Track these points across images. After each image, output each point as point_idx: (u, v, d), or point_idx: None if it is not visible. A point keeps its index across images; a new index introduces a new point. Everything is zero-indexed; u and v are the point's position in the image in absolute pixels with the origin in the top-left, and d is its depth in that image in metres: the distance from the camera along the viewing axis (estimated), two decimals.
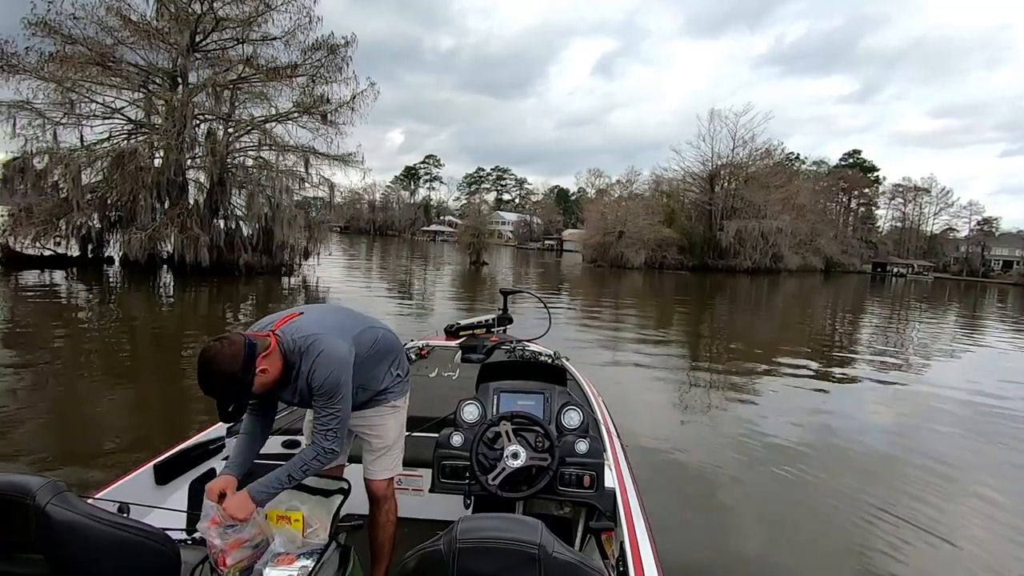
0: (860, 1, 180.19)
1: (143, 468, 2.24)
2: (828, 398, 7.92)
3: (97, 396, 5.79)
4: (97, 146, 17.34)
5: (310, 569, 1.45)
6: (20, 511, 1.19)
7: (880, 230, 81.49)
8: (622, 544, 1.84)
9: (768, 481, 4.69)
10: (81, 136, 17.47)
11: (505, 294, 5.23)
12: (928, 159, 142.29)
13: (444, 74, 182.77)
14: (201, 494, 2.37)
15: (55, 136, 16.68)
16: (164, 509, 2.12)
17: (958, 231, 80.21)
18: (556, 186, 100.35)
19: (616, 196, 53.40)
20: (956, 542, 3.87)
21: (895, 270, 71.37)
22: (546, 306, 5.29)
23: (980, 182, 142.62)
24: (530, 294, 7.55)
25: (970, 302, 32.87)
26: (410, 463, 2.48)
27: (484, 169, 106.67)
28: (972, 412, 7.52)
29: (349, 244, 50.69)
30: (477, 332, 4.77)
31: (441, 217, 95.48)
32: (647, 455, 4.80)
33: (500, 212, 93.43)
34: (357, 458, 2.36)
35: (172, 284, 15.73)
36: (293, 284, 17.61)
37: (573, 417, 2.21)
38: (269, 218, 18.35)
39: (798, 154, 76.84)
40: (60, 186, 16.57)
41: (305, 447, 1.88)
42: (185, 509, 2.30)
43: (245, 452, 1.93)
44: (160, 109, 17.93)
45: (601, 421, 2.88)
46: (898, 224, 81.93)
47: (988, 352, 13.42)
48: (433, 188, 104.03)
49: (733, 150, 52.69)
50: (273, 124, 19.51)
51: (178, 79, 18.13)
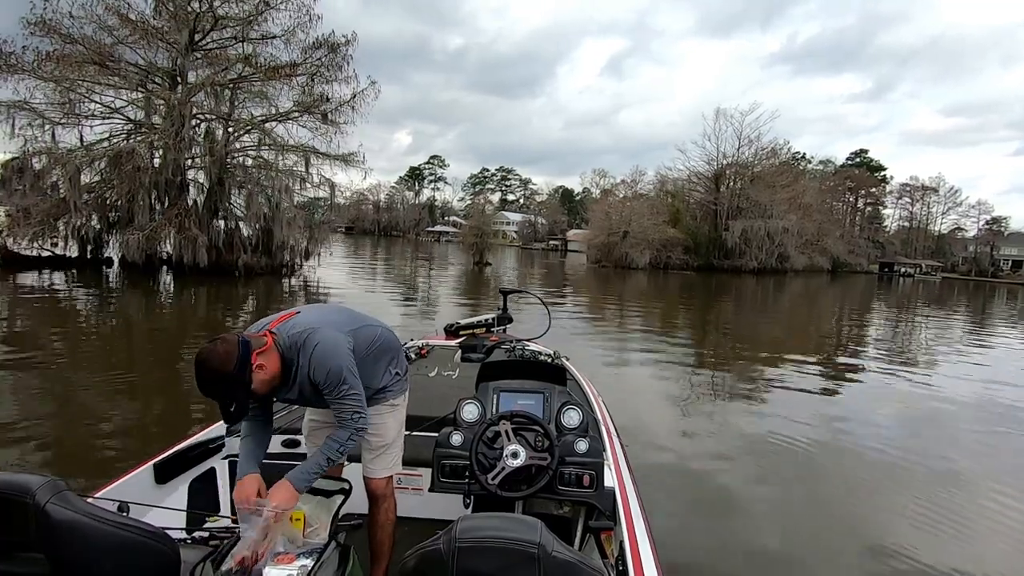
0: None
1: (143, 467, 2.25)
2: (834, 399, 7.72)
3: (96, 396, 5.76)
4: (96, 146, 17.23)
5: (310, 568, 1.43)
6: (20, 510, 1.19)
7: (887, 230, 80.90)
8: (621, 543, 1.84)
9: (771, 481, 4.62)
10: (81, 136, 17.45)
11: (505, 294, 5.21)
12: (938, 158, 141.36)
13: (452, 74, 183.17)
14: (200, 493, 2.43)
15: (53, 136, 16.60)
16: (164, 508, 2.13)
17: (966, 231, 79.51)
18: (561, 186, 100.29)
19: (621, 196, 53.14)
20: (972, 546, 3.74)
21: (902, 270, 70.75)
22: (546, 306, 5.24)
23: (991, 181, 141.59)
24: (530, 294, 7.46)
25: (979, 302, 32.44)
26: (410, 462, 2.50)
27: (489, 169, 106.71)
28: (985, 413, 7.34)
29: (354, 245, 50.98)
30: (477, 332, 4.79)
31: (446, 218, 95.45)
32: (649, 455, 4.74)
33: (504, 212, 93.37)
34: (356, 457, 2.36)
35: (172, 285, 15.62)
36: (293, 285, 17.47)
37: (573, 416, 2.20)
38: (268, 218, 18.19)
39: (804, 153, 76.51)
40: (59, 186, 16.47)
41: (337, 430, 1.89)
42: (185, 508, 2.32)
43: (255, 450, 1.95)
44: (160, 109, 17.82)
45: (601, 421, 2.86)
46: (905, 224, 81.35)
47: (998, 352, 13.12)
48: (438, 188, 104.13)
49: (739, 149, 52.39)
50: (274, 124, 19.39)
51: (178, 78, 18.02)
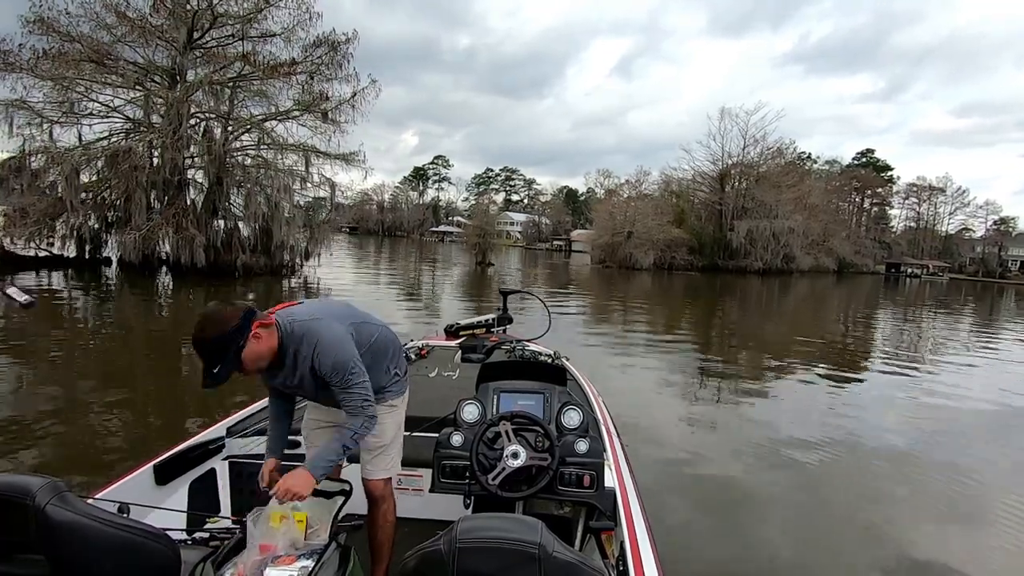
0: None
1: (143, 468, 2.24)
2: (841, 400, 7.54)
3: (95, 398, 5.69)
4: (94, 145, 17.10)
5: (310, 569, 1.42)
6: (20, 511, 1.19)
7: (894, 230, 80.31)
8: (622, 544, 1.83)
9: (775, 483, 4.52)
10: (80, 135, 17.30)
11: (505, 294, 5.17)
12: (949, 159, 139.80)
13: (460, 75, 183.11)
14: (201, 494, 2.42)
15: (51, 135, 16.48)
16: (164, 509, 2.12)
17: (974, 231, 78.85)
18: (565, 186, 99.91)
19: (625, 196, 52.82)
20: (987, 550, 3.67)
21: (909, 271, 70.24)
22: (546, 306, 5.16)
23: (1003, 182, 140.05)
24: (530, 294, 7.31)
25: (987, 303, 32.06)
26: (410, 463, 2.52)
27: (493, 170, 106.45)
28: (996, 414, 7.21)
29: (358, 245, 51.08)
30: (477, 332, 4.81)
31: (450, 218, 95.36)
32: (652, 455, 4.69)
33: (509, 213, 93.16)
34: (356, 458, 2.39)
35: (170, 286, 15.47)
36: (293, 285, 17.31)
37: (573, 417, 2.19)
38: (267, 218, 18.02)
39: (810, 153, 76.03)
40: (56, 186, 16.32)
41: (350, 418, 1.92)
42: (185, 509, 2.32)
43: (280, 435, 2.13)
44: (159, 108, 17.68)
45: (601, 421, 2.85)
46: (912, 224, 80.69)
47: (1008, 354, 12.85)
48: (442, 189, 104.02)
49: (744, 149, 52.03)
50: (274, 123, 19.23)
51: (177, 77, 17.87)
